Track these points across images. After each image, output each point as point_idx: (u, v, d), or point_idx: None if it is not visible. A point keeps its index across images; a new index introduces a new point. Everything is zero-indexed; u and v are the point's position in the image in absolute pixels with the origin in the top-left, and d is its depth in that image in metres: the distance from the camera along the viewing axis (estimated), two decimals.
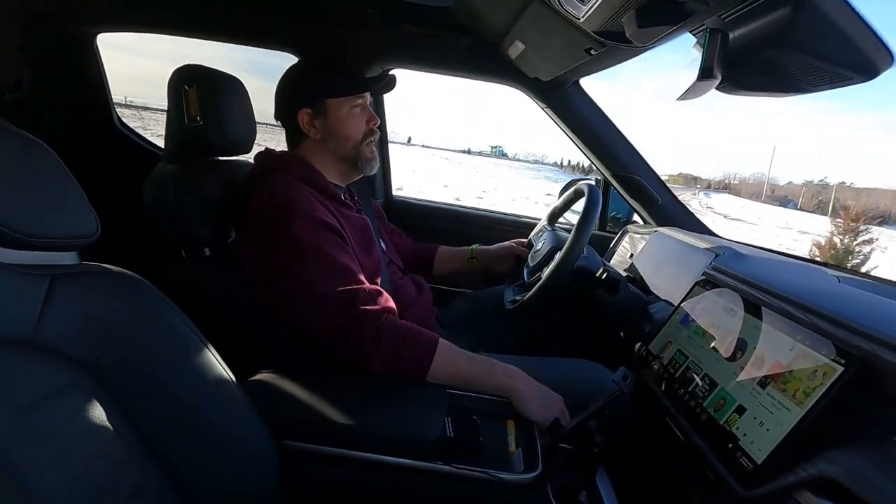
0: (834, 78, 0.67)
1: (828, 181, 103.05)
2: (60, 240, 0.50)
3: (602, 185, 1.57)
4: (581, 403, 0.77)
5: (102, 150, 1.59)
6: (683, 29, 0.72)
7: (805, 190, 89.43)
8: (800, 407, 0.54)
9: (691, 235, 1.18)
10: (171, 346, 0.57)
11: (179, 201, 0.88)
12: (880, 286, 0.83)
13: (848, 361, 0.52)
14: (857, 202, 13.45)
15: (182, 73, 0.93)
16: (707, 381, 0.69)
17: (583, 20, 0.81)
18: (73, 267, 0.53)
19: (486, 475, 0.65)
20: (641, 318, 1.02)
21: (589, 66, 1.10)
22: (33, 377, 0.46)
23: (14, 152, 0.48)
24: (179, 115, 0.91)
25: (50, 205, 0.49)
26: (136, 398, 0.54)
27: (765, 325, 0.66)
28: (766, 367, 0.61)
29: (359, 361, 0.80)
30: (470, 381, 0.80)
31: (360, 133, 1.00)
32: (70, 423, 0.47)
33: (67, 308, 0.50)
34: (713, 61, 0.68)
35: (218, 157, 1.02)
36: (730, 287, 0.77)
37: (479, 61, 1.40)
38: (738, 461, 0.57)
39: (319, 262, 0.83)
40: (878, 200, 69.90)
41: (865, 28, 0.59)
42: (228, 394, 0.61)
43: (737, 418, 0.61)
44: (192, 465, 0.57)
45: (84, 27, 1.45)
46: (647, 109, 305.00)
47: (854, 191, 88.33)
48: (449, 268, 1.35)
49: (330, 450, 0.68)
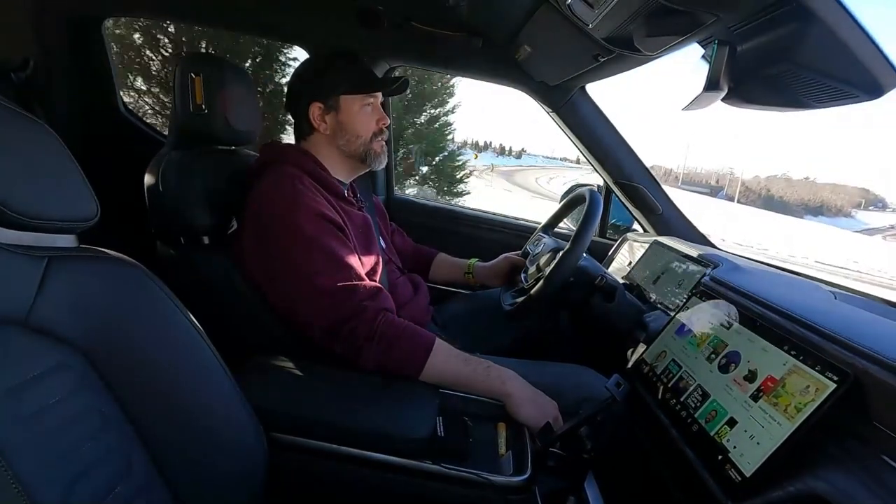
0: (840, 95, 0.68)
1: (789, 175, 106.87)
2: (59, 222, 0.49)
3: (603, 192, 1.57)
4: (573, 408, 0.77)
5: (106, 134, 1.58)
6: (692, 39, 0.73)
7: (740, 181, 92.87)
8: (790, 422, 0.54)
9: (690, 246, 1.18)
10: (165, 333, 0.57)
11: (180, 188, 0.87)
12: (876, 304, 0.84)
13: (840, 378, 0.53)
14: (795, 194, 13.78)
15: (189, 60, 0.93)
16: (699, 392, 0.69)
17: (592, 26, 0.81)
18: (71, 250, 0.53)
19: (475, 476, 0.65)
20: (637, 327, 1.02)
21: (596, 73, 1.10)
22: (24, 357, 0.46)
23: (16, 133, 0.48)
24: (185, 103, 0.91)
25: (50, 187, 0.49)
26: (127, 382, 0.53)
27: (759, 338, 0.66)
28: (758, 381, 0.61)
29: (350, 356, 0.80)
30: (464, 382, 0.81)
31: (369, 131, 1.00)
32: (59, 404, 0.47)
33: (63, 290, 0.50)
34: (720, 73, 0.68)
35: (221, 147, 1.02)
36: (726, 299, 0.77)
37: (487, 63, 1.40)
38: (727, 473, 0.57)
39: (320, 255, 0.83)
40: (818, 193, 74.91)
41: (873, 47, 0.60)
42: (219, 382, 0.61)
43: (727, 430, 0.61)
44: (178, 450, 0.57)
45: (91, 10, 1.45)
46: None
47: (809, 185, 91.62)
48: (445, 277, 1.35)
49: (318, 444, 0.68)
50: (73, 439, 0.47)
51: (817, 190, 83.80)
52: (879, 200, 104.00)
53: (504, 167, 42.51)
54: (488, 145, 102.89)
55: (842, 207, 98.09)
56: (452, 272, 1.34)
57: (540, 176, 34.41)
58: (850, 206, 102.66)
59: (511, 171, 35.86)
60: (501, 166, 42.63)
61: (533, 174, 36.60)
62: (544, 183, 28.09)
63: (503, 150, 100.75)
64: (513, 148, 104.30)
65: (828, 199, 78.71)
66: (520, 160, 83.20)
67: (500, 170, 36.61)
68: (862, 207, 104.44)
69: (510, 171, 35.88)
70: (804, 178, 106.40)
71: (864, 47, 0.60)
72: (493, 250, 1.37)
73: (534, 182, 27.42)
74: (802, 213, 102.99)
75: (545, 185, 26.93)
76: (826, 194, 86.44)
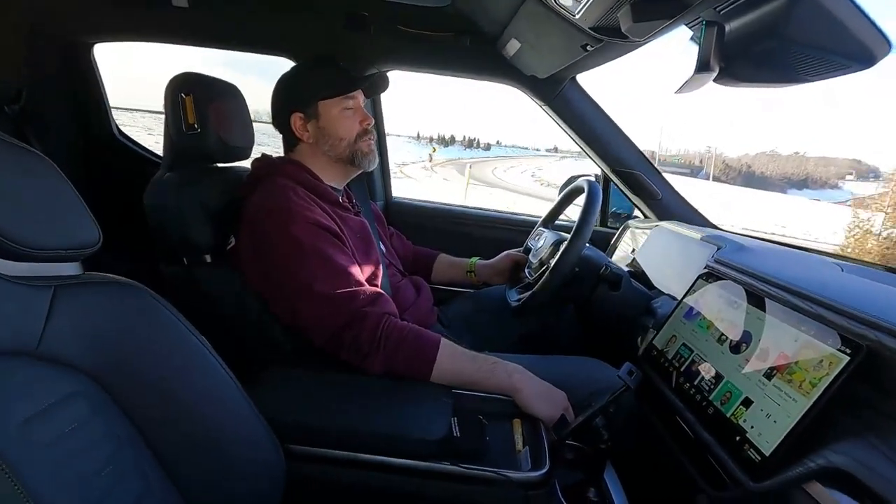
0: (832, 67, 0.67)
1: (778, 151, 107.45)
2: (62, 251, 0.50)
3: (602, 181, 1.57)
4: (585, 401, 0.77)
5: (102, 159, 1.59)
6: (679, 22, 0.72)
7: (714, 159, 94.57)
8: (806, 398, 0.54)
9: (693, 229, 1.18)
10: (175, 354, 0.57)
11: (179, 209, 0.88)
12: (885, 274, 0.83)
13: (853, 351, 0.52)
14: (779, 169, 13.75)
15: (178, 81, 0.93)
16: (713, 375, 0.68)
17: (578, 16, 0.81)
18: (76, 277, 0.53)
19: (494, 474, 0.65)
20: (645, 314, 1.02)
21: (585, 62, 1.10)
22: (38, 387, 0.46)
23: (14, 164, 0.48)
24: (177, 123, 0.91)
25: (51, 216, 0.50)
26: (142, 406, 0.54)
27: (769, 316, 0.66)
28: (771, 359, 0.61)
29: (356, 363, 0.80)
30: (473, 380, 0.80)
31: (353, 133, 0.99)
32: (76, 432, 0.47)
33: (71, 318, 0.50)
34: (710, 54, 0.68)
35: (217, 164, 1.03)
36: (733, 279, 0.77)
37: (476, 61, 1.40)
38: (746, 454, 0.57)
39: (317, 263, 0.83)
40: (805, 167, 75.25)
41: (862, 16, 0.59)
42: (233, 398, 0.61)
43: (743, 411, 0.60)
44: (197, 471, 0.57)
45: (81, 38, 1.45)
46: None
47: (798, 159, 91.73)
48: (447, 277, 1.35)
49: (336, 453, 0.68)
50: (91, 465, 0.47)
51: (805, 164, 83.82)
52: (872, 171, 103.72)
53: (467, 160, 43.67)
54: (454, 140, 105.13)
55: (828, 180, 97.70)
56: (454, 272, 1.34)
57: (497, 167, 34.94)
58: (837, 179, 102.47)
59: (468, 162, 36.65)
60: (465, 159, 43.91)
61: (491, 165, 37.26)
62: (500, 173, 28.66)
63: (471, 143, 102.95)
64: (480, 141, 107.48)
65: (814, 171, 78.72)
66: (488, 152, 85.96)
67: (459, 162, 37.83)
68: (854, 178, 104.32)
69: (465, 163, 36.39)
70: (794, 153, 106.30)
71: (853, 17, 0.59)
72: (495, 248, 1.37)
73: (489, 173, 27.82)
74: (785, 188, 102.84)
75: (501, 175, 27.68)
76: (812, 167, 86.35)
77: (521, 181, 25.36)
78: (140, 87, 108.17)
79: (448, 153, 51.91)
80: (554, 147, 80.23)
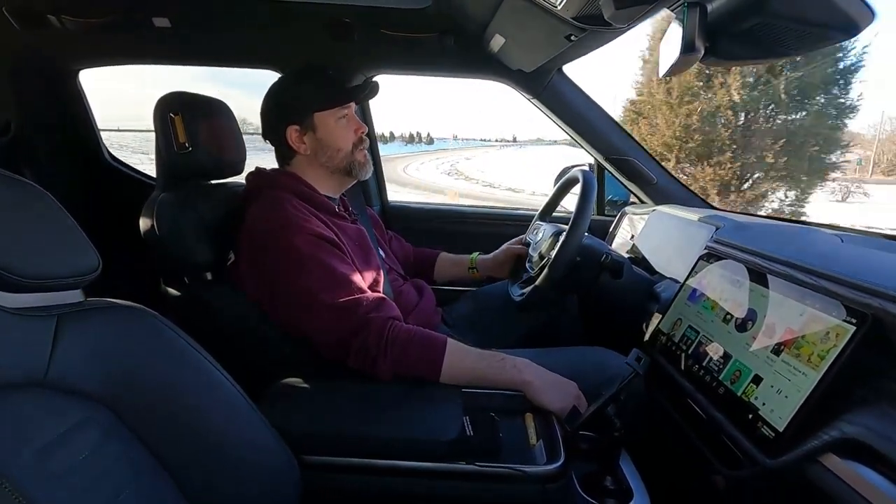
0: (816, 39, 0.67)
1: None
2: (63, 279, 0.50)
3: (596, 170, 1.57)
4: (595, 390, 0.77)
5: (95, 184, 1.59)
6: (661, 6, 0.72)
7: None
8: (816, 371, 0.54)
9: (690, 211, 1.18)
10: (183, 374, 0.57)
11: (176, 229, 0.88)
12: (885, 242, 0.83)
13: (859, 321, 0.52)
14: None
15: (166, 101, 0.93)
16: (721, 355, 0.68)
17: (560, 7, 0.81)
18: (79, 304, 0.53)
19: (510, 470, 0.65)
20: (649, 299, 1.02)
21: (571, 53, 1.10)
22: (49, 417, 0.46)
23: (7, 196, 0.48)
24: (168, 143, 0.91)
25: (49, 245, 0.49)
26: (154, 428, 0.54)
27: (772, 292, 0.66)
28: (778, 335, 0.61)
29: (365, 369, 0.80)
30: (481, 377, 0.80)
31: (349, 143, 1.00)
32: (90, 458, 0.47)
33: (77, 346, 0.50)
34: (694, 35, 0.68)
35: (210, 181, 1.02)
36: (733, 258, 0.77)
37: (463, 59, 1.40)
38: (760, 431, 0.57)
39: (319, 273, 0.83)
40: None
41: None
42: (244, 414, 0.61)
43: (754, 388, 0.61)
44: (215, 490, 0.57)
45: (66, 65, 1.45)
46: None
47: None
48: (450, 275, 1.35)
49: (351, 460, 0.68)
50: (107, 492, 0.47)
51: None
52: None
53: (391, 155, 43.13)
54: (394, 136, 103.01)
55: None
56: (456, 269, 1.34)
57: (410, 164, 34.31)
58: None
59: (389, 158, 36.09)
60: (391, 156, 43.23)
61: (404, 162, 36.45)
62: (413, 170, 27.46)
63: (412, 138, 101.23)
64: (422, 135, 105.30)
65: None
66: (430, 146, 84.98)
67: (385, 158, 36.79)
68: None
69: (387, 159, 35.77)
70: None
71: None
72: (494, 244, 1.37)
73: (401, 172, 26.83)
74: None
75: (412, 173, 26.28)
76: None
77: (434, 177, 23.55)
78: (128, 106, 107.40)
79: (386, 150, 50.67)
80: (513, 137, 79.04)
